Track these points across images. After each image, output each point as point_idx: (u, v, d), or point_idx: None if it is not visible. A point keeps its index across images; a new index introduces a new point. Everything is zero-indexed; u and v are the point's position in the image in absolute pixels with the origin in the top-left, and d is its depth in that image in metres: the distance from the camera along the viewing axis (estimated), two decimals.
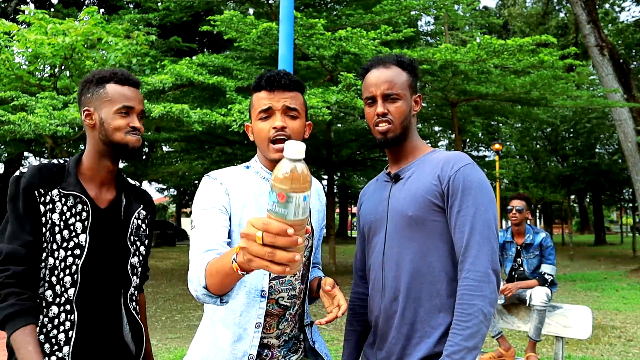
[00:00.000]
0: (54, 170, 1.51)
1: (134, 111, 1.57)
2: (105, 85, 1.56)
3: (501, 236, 4.68)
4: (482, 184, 1.49)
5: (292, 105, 1.52)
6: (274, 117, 1.50)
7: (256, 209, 1.51)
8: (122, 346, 1.58)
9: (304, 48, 8.79)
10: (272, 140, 1.50)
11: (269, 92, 1.52)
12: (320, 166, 18.26)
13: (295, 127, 1.52)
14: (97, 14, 7.67)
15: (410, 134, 1.63)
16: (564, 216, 28.63)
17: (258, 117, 1.53)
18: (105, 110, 1.54)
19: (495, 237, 1.47)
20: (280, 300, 1.53)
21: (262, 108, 1.51)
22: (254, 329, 1.48)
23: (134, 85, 1.61)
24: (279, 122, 1.49)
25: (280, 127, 1.48)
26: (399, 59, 1.63)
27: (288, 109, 1.51)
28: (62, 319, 1.46)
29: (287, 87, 1.52)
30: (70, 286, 1.47)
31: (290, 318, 1.58)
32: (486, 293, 1.42)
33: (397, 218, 1.56)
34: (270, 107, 1.50)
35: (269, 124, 1.50)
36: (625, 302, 8.52)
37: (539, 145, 22.63)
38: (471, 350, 1.38)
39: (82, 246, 1.49)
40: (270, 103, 1.51)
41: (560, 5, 25.64)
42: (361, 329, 1.76)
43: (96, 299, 1.52)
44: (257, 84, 1.55)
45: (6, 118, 6.54)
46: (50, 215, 1.48)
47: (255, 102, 1.55)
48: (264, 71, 1.58)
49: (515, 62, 9.76)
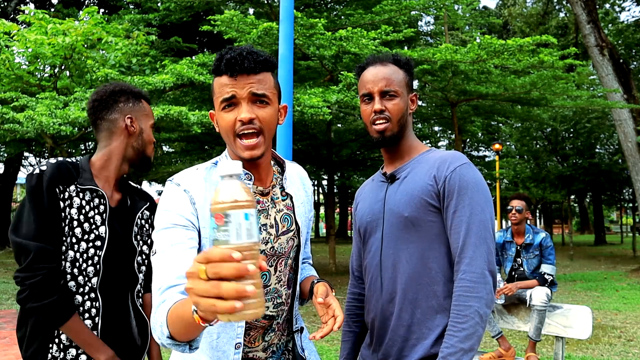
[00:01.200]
0: (70, 167, 1.59)
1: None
2: (142, 100, 1.75)
3: (501, 236, 4.67)
4: (478, 184, 1.48)
5: (260, 91, 1.26)
6: (240, 107, 1.26)
7: None
8: (129, 339, 1.67)
9: (304, 48, 8.79)
10: (239, 134, 1.27)
11: (231, 77, 1.25)
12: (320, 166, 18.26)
13: (265, 116, 1.28)
14: (97, 14, 7.67)
15: (407, 133, 1.62)
16: (564, 216, 28.63)
17: (221, 106, 1.28)
18: (144, 122, 1.73)
19: (491, 238, 1.46)
20: (265, 311, 1.36)
21: (225, 97, 1.26)
22: (234, 350, 1.29)
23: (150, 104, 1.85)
24: (245, 113, 1.25)
25: (248, 120, 1.25)
26: (396, 57, 1.62)
27: (255, 96, 1.26)
28: (87, 306, 1.56)
29: (253, 69, 1.25)
30: (93, 275, 1.57)
31: (278, 328, 1.42)
32: (482, 294, 1.40)
33: (393, 219, 1.55)
34: (234, 96, 1.25)
35: (233, 115, 1.26)
36: (625, 302, 8.51)
37: (539, 145, 22.62)
38: (467, 351, 1.37)
39: (102, 237, 1.58)
40: (233, 90, 1.25)
41: (560, 5, 25.63)
42: (359, 330, 1.74)
43: (115, 289, 1.63)
44: (216, 66, 1.28)
45: (10, 116, 6.53)
46: (69, 210, 1.55)
47: (217, 88, 1.29)
48: (223, 50, 1.30)
49: (516, 62, 9.76)
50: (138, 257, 1.71)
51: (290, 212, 1.43)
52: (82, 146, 16.03)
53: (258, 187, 1.37)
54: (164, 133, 11.96)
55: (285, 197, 1.43)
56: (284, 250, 1.40)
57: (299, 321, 1.53)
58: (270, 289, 1.39)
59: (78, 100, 7.03)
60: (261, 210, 1.37)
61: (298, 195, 1.47)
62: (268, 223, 1.38)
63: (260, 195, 1.38)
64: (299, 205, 1.46)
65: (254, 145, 1.27)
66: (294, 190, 1.46)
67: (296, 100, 7.04)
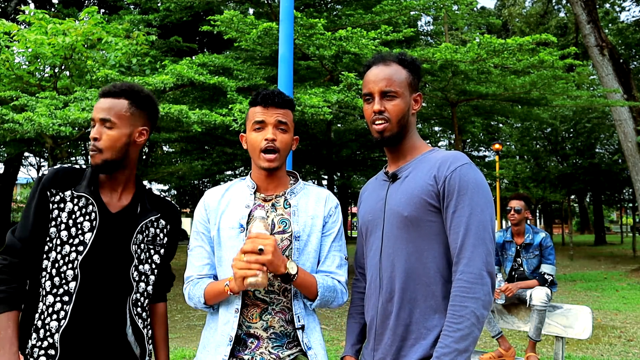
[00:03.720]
0: (71, 173, 1.66)
1: None
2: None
3: (501, 236, 4.67)
4: (478, 185, 1.47)
5: (284, 119, 1.73)
6: (266, 130, 1.72)
7: (231, 210, 1.76)
8: (125, 346, 1.66)
9: (304, 48, 8.78)
10: (263, 150, 1.71)
11: (264, 107, 1.73)
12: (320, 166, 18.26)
13: (284, 139, 1.73)
14: (97, 14, 7.66)
15: (409, 133, 1.61)
16: (564, 216, 28.63)
17: (252, 128, 1.74)
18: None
19: (490, 239, 1.45)
20: (256, 293, 1.70)
21: (257, 119, 1.72)
22: (234, 313, 1.69)
23: None
24: (270, 134, 1.70)
25: (271, 139, 1.70)
26: (400, 56, 1.62)
27: (280, 123, 1.73)
28: (56, 308, 1.56)
29: (280, 105, 1.73)
30: (71, 280, 1.58)
31: (275, 314, 1.71)
32: (479, 295, 1.39)
33: (394, 218, 1.55)
34: (263, 121, 1.72)
35: (261, 135, 1.72)
36: (625, 302, 8.52)
37: (539, 145, 22.62)
38: (462, 352, 1.36)
39: (85, 243, 1.60)
40: (263, 117, 1.72)
41: (560, 5, 25.63)
42: (363, 322, 1.75)
43: (99, 297, 1.61)
44: (253, 99, 1.76)
45: (10, 117, 6.53)
46: (59, 213, 1.61)
47: (251, 115, 1.76)
48: (261, 89, 1.80)
49: (515, 62, 9.75)
50: (141, 266, 1.70)
51: (289, 217, 1.75)
52: (83, 146, 16.03)
53: (261, 195, 1.79)
54: (164, 133, 11.96)
55: (287, 207, 1.77)
56: (279, 247, 1.69)
57: (302, 319, 1.72)
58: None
59: (78, 101, 7.02)
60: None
61: (303, 207, 1.79)
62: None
63: (263, 200, 1.78)
64: (302, 214, 1.77)
65: (273, 158, 1.72)
66: (301, 203, 1.79)
67: (296, 100, 7.03)
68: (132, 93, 1.70)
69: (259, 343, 1.69)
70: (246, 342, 1.68)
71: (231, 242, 1.71)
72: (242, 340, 1.69)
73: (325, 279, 1.73)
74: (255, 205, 1.77)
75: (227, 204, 1.77)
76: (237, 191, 1.82)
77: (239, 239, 1.70)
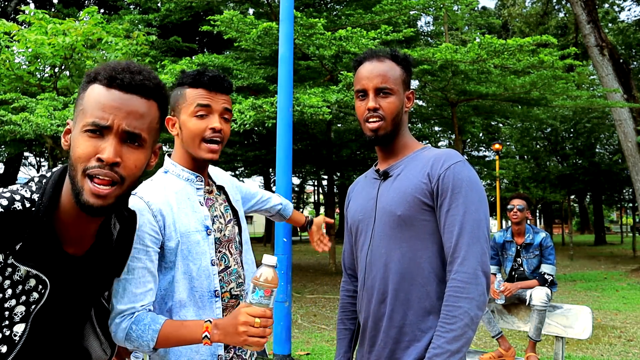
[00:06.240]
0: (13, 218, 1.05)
1: None
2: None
3: (501, 236, 4.68)
4: (472, 183, 1.43)
5: (229, 107, 1.55)
6: (212, 118, 1.52)
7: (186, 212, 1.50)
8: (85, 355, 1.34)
9: (304, 48, 8.79)
10: (207, 140, 1.51)
11: (209, 91, 1.52)
12: (320, 166, 18.27)
13: (227, 129, 1.56)
14: (97, 14, 7.66)
15: (401, 131, 1.58)
16: (564, 216, 28.62)
17: (194, 113, 1.51)
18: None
19: (485, 238, 1.42)
20: (232, 291, 1.58)
21: (201, 103, 1.50)
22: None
23: None
24: (216, 123, 1.51)
25: (219, 129, 1.51)
26: (393, 53, 1.58)
27: (226, 111, 1.55)
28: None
29: (227, 90, 1.55)
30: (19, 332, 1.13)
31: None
32: (473, 295, 1.35)
33: (386, 217, 1.50)
34: (209, 106, 1.51)
35: (205, 123, 1.51)
36: (625, 302, 8.52)
37: (539, 145, 22.62)
38: (454, 353, 1.32)
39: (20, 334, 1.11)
40: (209, 102, 1.51)
41: (560, 5, 25.63)
42: (354, 327, 1.71)
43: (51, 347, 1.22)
44: (195, 79, 1.52)
45: (7, 118, 6.53)
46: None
47: (191, 97, 1.52)
48: (198, 68, 1.58)
49: (515, 62, 9.76)
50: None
51: (227, 203, 1.66)
52: None
53: (206, 187, 1.61)
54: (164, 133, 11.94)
55: (219, 193, 1.66)
56: (232, 236, 1.63)
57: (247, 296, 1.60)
58: (231, 271, 1.59)
59: None
60: (211, 205, 1.61)
61: (228, 188, 1.71)
62: (217, 214, 1.60)
63: (208, 193, 1.61)
64: (231, 194, 1.69)
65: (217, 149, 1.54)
66: (223, 182, 1.70)
67: (296, 100, 7.03)
68: (162, 94, 1.19)
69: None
70: (227, 346, 1.55)
71: (198, 249, 1.48)
72: (225, 346, 1.54)
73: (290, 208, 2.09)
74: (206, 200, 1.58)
75: (177, 204, 1.49)
76: (175, 187, 1.53)
77: (207, 242, 1.51)
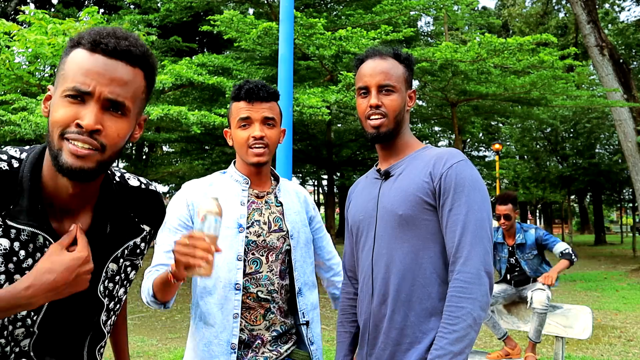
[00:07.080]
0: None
1: None
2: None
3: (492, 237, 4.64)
4: (475, 182, 1.42)
5: (270, 115, 1.67)
6: (253, 127, 1.66)
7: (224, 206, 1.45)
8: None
9: (304, 48, 8.79)
10: (251, 146, 1.65)
11: (248, 103, 1.66)
12: (320, 166, 18.26)
13: (272, 135, 1.68)
14: (97, 14, 7.66)
15: (403, 130, 1.57)
16: (564, 216, 28.62)
17: (238, 125, 1.67)
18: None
19: (488, 237, 1.40)
20: (259, 294, 1.64)
21: (242, 116, 1.66)
22: (232, 319, 1.61)
23: None
24: (257, 131, 1.64)
25: (259, 137, 1.64)
26: (396, 51, 1.57)
27: (266, 119, 1.67)
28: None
29: (265, 98, 1.66)
30: (24, 337, 1.06)
31: (277, 312, 1.68)
32: (476, 295, 1.33)
33: (387, 217, 1.49)
34: (249, 117, 1.65)
35: (247, 133, 1.66)
36: (625, 302, 8.51)
37: (539, 145, 22.61)
38: (457, 354, 1.30)
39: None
40: (249, 114, 1.65)
41: (560, 5, 25.63)
42: (354, 330, 1.68)
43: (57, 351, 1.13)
44: (236, 94, 1.68)
45: (7, 118, 6.53)
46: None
47: (235, 111, 1.69)
48: (242, 82, 1.72)
49: (515, 62, 9.76)
50: (109, 308, 1.18)
51: (281, 216, 1.73)
52: None
53: (254, 190, 1.72)
54: (164, 133, 11.95)
55: (279, 205, 1.75)
56: (276, 245, 1.69)
57: (307, 315, 1.74)
58: (262, 276, 1.66)
59: None
60: (255, 209, 1.71)
61: (290, 205, 1.77)
62: (261, 220, 1.70)
63: (256, 197, 1.72)
64: (290, 213, 1.75)
65: (262, 153, 1.65)
66: (287, 200, 1.77)
67: (295, 100, 7.03)
68: (149, 63, 1.05)
69: (263, 342, 1.65)
70: (251, 345, 1.63)
71: (226, 242, 1.58)
72: (247, 344, 1.63)
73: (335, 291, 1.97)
74: (249, 202, 1.69)
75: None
76: (223, 186, 1.70)
77: (237, 239, 1.62)
